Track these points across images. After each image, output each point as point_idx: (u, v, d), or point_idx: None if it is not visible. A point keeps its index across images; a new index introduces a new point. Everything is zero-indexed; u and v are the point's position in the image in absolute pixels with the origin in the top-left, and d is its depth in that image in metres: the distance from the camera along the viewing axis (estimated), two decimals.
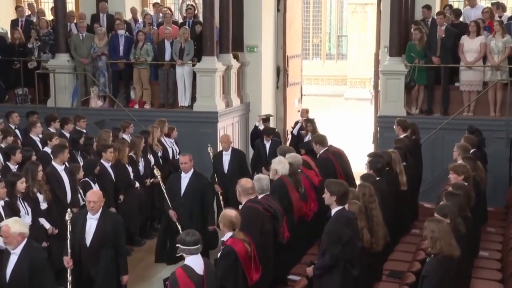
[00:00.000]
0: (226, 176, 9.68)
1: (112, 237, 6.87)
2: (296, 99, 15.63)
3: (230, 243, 5.96)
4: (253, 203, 6.72)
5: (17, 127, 10.85)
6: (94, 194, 7.01)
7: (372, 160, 8.07)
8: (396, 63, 12.31)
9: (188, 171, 8.57)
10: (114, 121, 12.47)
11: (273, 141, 10.94)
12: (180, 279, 5.37)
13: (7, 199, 7.30)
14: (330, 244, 6.01)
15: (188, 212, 8.54)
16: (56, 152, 8.56)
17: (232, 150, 9.89)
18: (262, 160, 10.76)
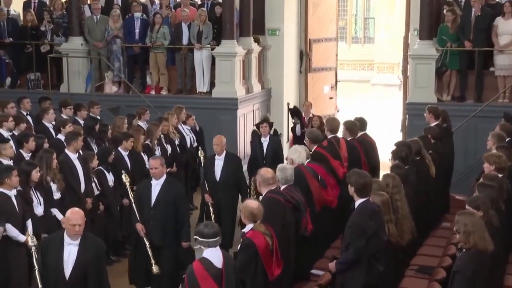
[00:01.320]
0: (218, 185, 8.89)
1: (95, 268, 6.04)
2: (327, 86, 15.44)
3: (250, 236, 5.97)
4: (274, 193, 6.72)
5: (29, 113, 10.96)
6: (77, 213, 5.93)
7: (396, 149, 8.04)
8: (427, 46, 12.19)
9: (160, 177, 7.44)
10: (129, 107, 12.53)
11: (272, 140, 10.31)
12: (197, 273, 5.39)
13: (19, 188, 7.37)
14: (354, 238, 6.00)
15: (159, 225, 7.38)
16: (69, 139, 8.63)
17: (226, 155, 8.94)
18: (259, 162, 9.89)
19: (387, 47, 26.15)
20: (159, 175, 7.46)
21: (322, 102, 15.22)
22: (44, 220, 7.76)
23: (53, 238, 6.16)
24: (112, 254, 9.17)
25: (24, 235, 7.25)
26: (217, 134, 12.39)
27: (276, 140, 10.40)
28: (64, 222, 5.90)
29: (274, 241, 6.04)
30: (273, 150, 10.11)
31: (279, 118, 14.40)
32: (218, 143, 8.91)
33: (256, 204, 6.09)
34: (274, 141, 10.33)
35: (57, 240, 5.98)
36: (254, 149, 10.30)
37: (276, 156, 10.03)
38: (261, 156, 10.08)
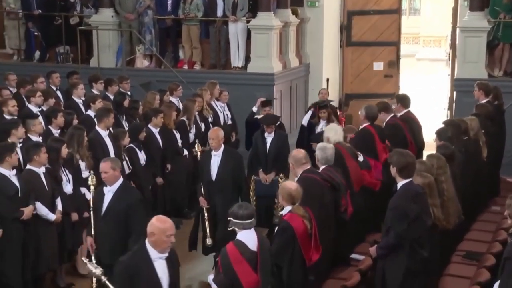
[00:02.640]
0: (214, 185, 7.96)
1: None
2: (379, 62, 15.20)
3: (287, 218, 5.96)
4: (309, 173, 6.70)
5: (58, 88, 11.09)
6: (169, 221, 5.20)
7: (441, 129, 7.93)
8: (478, 18, 11.95)
9: (112, 182, 6.59)
10: (161, 82, 12.58)
11: (277, 135, 9.16)
12: (231, 255, 5.41)
13: (48, 165, 7.48)
14: (395, 221, 5.95)
15: (107, 239, 6.59)
16: (100, 116, 8.70)
17: (224, 151, 8.00)
18: (260, 159, 9.03)
19: (434, 19, 25.69)
20: (111, 181, 6.57)
21: (369, 79, 15.01)
22: (73, 198, 7.87)
23: (133, 260, 5.15)
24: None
25: (54, 213, 7.39)
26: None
27: (282, 136, 9.25)
28: (154, 234, 5.01)
29: (313, 224, 6.02)
30: (277, 147, 8.97)
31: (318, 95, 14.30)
32: (214, 137, 7.96)
33: (294, 185, 6.07)
34: (280, 136, 9.16)
35: (141, 259, 5.11)
36: (255, 144, 9.14)
37: (279, 153, 8.91)
38: (263, 153, 8.98)
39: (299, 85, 14.03)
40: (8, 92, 10.23)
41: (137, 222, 6.35)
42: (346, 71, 15.12)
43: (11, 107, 9.05)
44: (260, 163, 8.98)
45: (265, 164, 8.95)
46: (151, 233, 4.99)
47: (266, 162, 8.93)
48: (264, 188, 8.79)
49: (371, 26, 14.95)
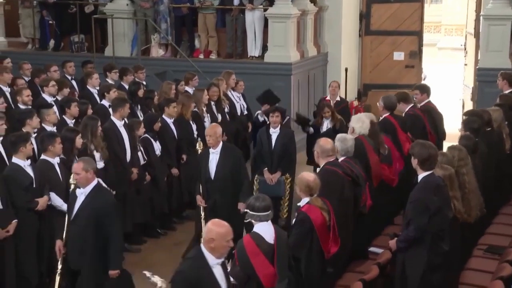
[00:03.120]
0: (213, 184, 7.76)
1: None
2: (400, 52, 15.06)
3: (305, 210, 5.95)
4: (332, 166, 6.67)
5: (73, 77, 11.13)
6: (227, 226, 5.06)
7: (468, 119, 7.87)
8: (502, 6, 11.86)
9: (85, 184, 6.40)
10: (177, 72, 12.60)
11: (283, 131, 8.83)
12: (247, 248, 5.42)
13: (62, 156, 7.52)
14: (415, 214, 5.92)
15: (76, 245, 6.42)
16: (116, 106, 8.72)
17: (223, 147, 7.80)
18: (265, 157, 8.77)
19: (456, 7, 25.48)
20: (83, 183, 6.40)
21: (389, 69, 14.92)
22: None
23: (192, 268, 4.95)
24: (159, 227, 9.30)
25: None
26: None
27: (288, 133, 8.89)
28: (213, 240, 4.86)
29: (331, 216, 6.01)
30: (282, 145, 8.69)
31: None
32: (211, 134, 7.72)
33: (312, 176, 6.05)
34: (286, 133, 8.81)
35: (200, 267, 4.94)
36: (260, 141, 8.84)
37: (285, 151, 8.73)
38: (268, 150, 8.72)
39: (317, 74, 13.99)
40: (23, 81, 10.30)
41: (112, 227, 6.28)
42: (365, 61, 15.05)
43: (25, 96, 9.11)
44: (265, 162, 8.72)
45: (270, 163, 8.69)
46: (210, 239, 4.82)
47: (271, 161, 8.69)
48: (269, 189, 8.41)
49: (392, 14, 14.84)
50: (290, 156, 8.79)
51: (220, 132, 7.82)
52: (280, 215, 8.55)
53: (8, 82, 10.18)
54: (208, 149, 7.81)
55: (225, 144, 7.91)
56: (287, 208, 8.73)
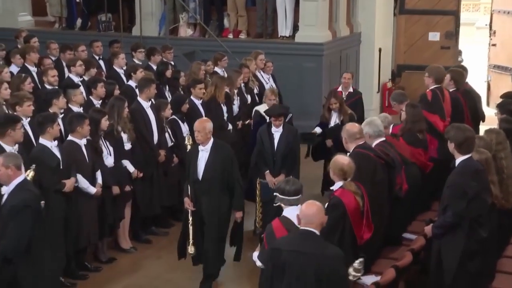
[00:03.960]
0: (200, 185, 7.20)
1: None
2: (435, 32, 14.85)
3: (338, 195, 5.91)
4: (362, 148, 6.61)
5: (100, 57, 11.17)
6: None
7: (503, 102, 7.74)
8: None
9: (7, 182, 5.94)
10: (205, 52, 12.58)
11: (287, 130, 8.14)
12: (277, 232, 5.40)
13: (89, 137, 7.56)
14: (453, 200, 5.87)
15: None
16: (142, 86, 8.73)
17: (213, 145, 7.17)
18: (267, 159, 8.14)
19: None
20: (4, 180, 5.93)
21: (424, 50, 14.72)
22: (114, 171, 7.94)
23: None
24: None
25: (94, 186, 7.47)
26: (300, 84, 12.50)
27: (292, 131, 8.21)
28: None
29: (365, 201, 5.96)
30: (286, 144, 8.04)
31: (369, 66, 14.15)
32: (200, 129, 7.12)
33: (347, 160, 5.99)
34: (290, 131, 8.15)
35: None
36: (260, 140, 8.17)
37: (289, 151, 8.09)
38: (270, 151, 8.06)
39: (349, 55, 13.85)
40: (50, 61, 10.37)
41: (14, 228, 5.74)
42: (399, 41, 14.88)
43: (50, 77, 9.16)
44: (267, 163, 8.08)
45: (272, 165, 8.05)
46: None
47: (273, 162, 8.05)
48: (271, 193, 7.86)
49: None
50: (294, 156, 8.15)
51: (211, 127, 7.16)
52: None
53: (35, 62, 10.27)
54: (198, 146, 7.22)
55: (216, 141, 7.24)
56: None
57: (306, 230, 4.96)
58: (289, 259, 4.89)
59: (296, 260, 4.88)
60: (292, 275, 4.89)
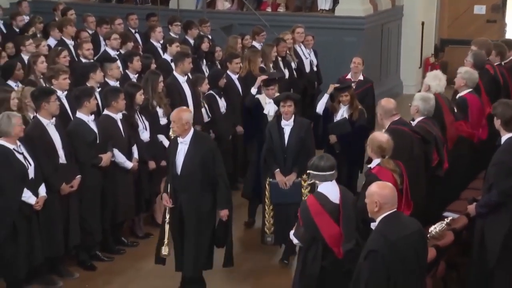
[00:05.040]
0: (179, 181, 6.60)
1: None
2: (481, 6, 14.49)
3: (375, 172, 5.87)
4: (398, 124, 6.58)
5: (136, 31, 11.20)
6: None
7: None
8: None
9: None
10: (243, 26, 12.52)
11: (298, 123, 7.46)
12: (311, 207, 5.40)
13: (124, 112, 7.60)
14: (499, 178, 5.81)
15: None
16: (178, 60, 8.74)
17: (193, 137, 6.54)
18: (277, 156, 7.45)
19: None
20: None
21: (469, 24, 14.46)
22: (150, 146, 7.99)
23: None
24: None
25: (131, 161, 7.53)
26: (340, 59, 12.37)
27: (304, 124, 7.49)
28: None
29: (404, 179, 5.91)
30: (298, 139, 7.37)
31: (411, 41, 13.96)
32: (176, 119, 6.49)
33: (385, 137, 5.95)
34: (302, 125, 7.45)
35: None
36: (270, 136, 7.49)
37: (302, 147, 7.41)
38: (280, 147, 7.41)
39: (391, 29, 13.68)
40: (86, 34, 10.42)
41: None
42: (443, 14, 14.63)
43: (85, 50, 9.22)
44: (277, 162, 7.43)
45: (283, 163, 7.40)
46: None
47: (284, 160, 7.40)
48: (282, 194, 7.36)
49: None
50: (308, 153, 7.27)
51: (188, 118, 6.48)
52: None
53: (72, 35, 10.34)
54: (177, 138, 6.63)
55: (197, 133, 6.67)
56: None
57: (395, 212, 4.78)
58: (400, 247, 4.65)
59: (406, 245, 4.68)
60: (401, 260, 4.66)
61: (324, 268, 5.37)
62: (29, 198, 6.52)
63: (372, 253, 4.58)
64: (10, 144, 6.43)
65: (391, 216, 4.72)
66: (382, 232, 4.66)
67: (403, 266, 4.61)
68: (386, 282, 4.56)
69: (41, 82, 8.16)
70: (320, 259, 5.37)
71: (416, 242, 4.74)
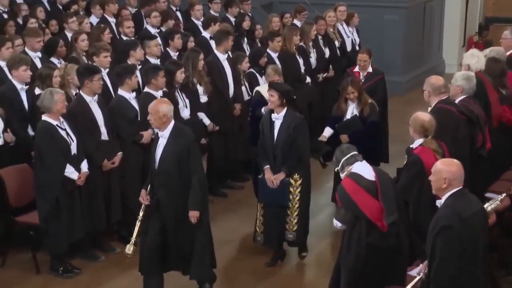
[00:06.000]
0: (157, 177, 6.21)
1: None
2: None
3: (418, 152, 5.86)
4: (445, 104, 6.52)
5: (178, 9, 11.26)
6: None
7: None
8: None
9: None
10: (283, 4, 12.52)
11: (289, 117, 6.78)
12: (347, 187, 5.40)
13: (165, 89, 7.68)
14: None
15: None
16: (219, 38, 8.77)
17: (172, 131, 6.15)
18: (267, 152, 6.90)
19: None
20: None
21: None
22: (190, 124, 8.01)
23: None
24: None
25: None
26: (381, 38, 12.28)
27: (295, 119, 6.81)
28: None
29: None
30: (287, 135, 6.76)
31: (454, 19, 13.79)
32: (153, 111, 6.13)
33: (428, 116, 5.93)
34: (292, 120, 6.79)
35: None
36: (262, 130, 6.97)
37: (292, 144, 6.80)
38: (270, 142, 6.85)
39: (434, 7, 13.51)
40: (128, 12, 10.54)
41: None
42: None
43: (126, 28, 9.32)
44: (267, 158, 6.91)
45: (273, 160, 6.86)
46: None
47: (274, 156, 6.86)
48: (269, 194, 6.87)
49: None
50: (298, 151, 6.82)
51: (166, 110, 6.10)
52: (288, 228, 6.88)
53: (114, 13, 10.45)
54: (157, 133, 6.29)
55: (177, 127, 6.21)
56: (296, 220, 6.88)
57: (462, 189, 4.77)
58: (471, 223, 4.66)
59: (475, 221, 4.70)
60: (472, 237, 4.67)
61: (370, 245, 5.37)
62: (72, 174, 6.68)
63: (446, 229, 4.59)
64: (53, 120, 6.58)
65: (460, 193, 4.74)
66: (454, 209, 4.66)
67: (474, 242, 4.64)
68: (459, 257, 4.59)
69: (83, 59, 8.29)
70: (365, 236, 5.36)
71: (483, 219, 4.79)
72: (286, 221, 6.89)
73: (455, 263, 4.57)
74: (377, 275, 5.35)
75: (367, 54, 8.65)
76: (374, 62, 8.93)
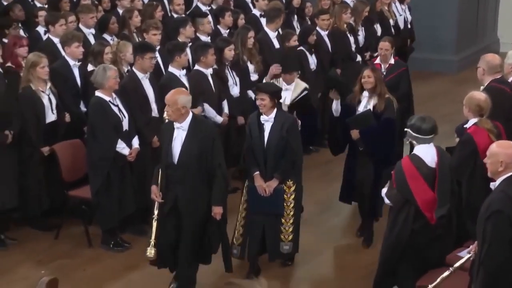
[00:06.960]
0: (174, 171, 5.92)
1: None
2: None
3: (471, 132, 5.83)
4: (498, 83, 6.47)
5: None
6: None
7: None
8: None
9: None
10: None
11: (281, 118, 6.33)
12: (406, 170, 5.40)
13: (215, 66, 7.75)
14: None
15: None
16: (271, 16, 8.80)
17: (192, 122, 5.87)
18: (257, 157, 6.35)
19: None
20: None
21: None
22: (240, 101, 8.14)
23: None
24: (310, 143, 9.13)
25: (221, 116, 7.69)
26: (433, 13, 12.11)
27: (288, 121, 6.36)
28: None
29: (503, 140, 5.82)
30: (279, 139, 6.28)
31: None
32: (170, 103, 5.81)
33: (483, 95, 5.88)
34: (284, 121, 6.32)
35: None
36: (250, 132, 6.45)
37: (285, 148, 6.31)
38: (260, 147, 6.32)
39: None
40: None
41: None
42: None
43: (176, 5, 9.41)
44: (257, 163, 6.36)
45: (263, 165, 6.32)
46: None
47: (264, 162, 6.33)
48: (261, 202, 6.32)
49: None
50: (292, 155, 6.35)
51: (185, 101, 5.81)
52: (282, 238, 6.38)
53: None
54: (171, 123, 5.93)
55: (196, 117, 5.93)
56: (291, 228, 6.41)
57: None
58: None
59: None
60: None
61: (414, 231, 5.40)
62: (123, 149, 6.80)
63: (497, 213, 4.55)
64: (106, 96, 6.71)
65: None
66: (507, 193, 4.60)
67: None
68: (509, 242, 4.55)
69: (135, 36, 8.41)
70: (411, 221, 5.39)
71: None
72: (281, 231, 6.36)
73: (505, 249, 4.54)
74: (417, 258, 5.40)
75: (389, 43, 8.01)
76: (426, 40, 8.83)
